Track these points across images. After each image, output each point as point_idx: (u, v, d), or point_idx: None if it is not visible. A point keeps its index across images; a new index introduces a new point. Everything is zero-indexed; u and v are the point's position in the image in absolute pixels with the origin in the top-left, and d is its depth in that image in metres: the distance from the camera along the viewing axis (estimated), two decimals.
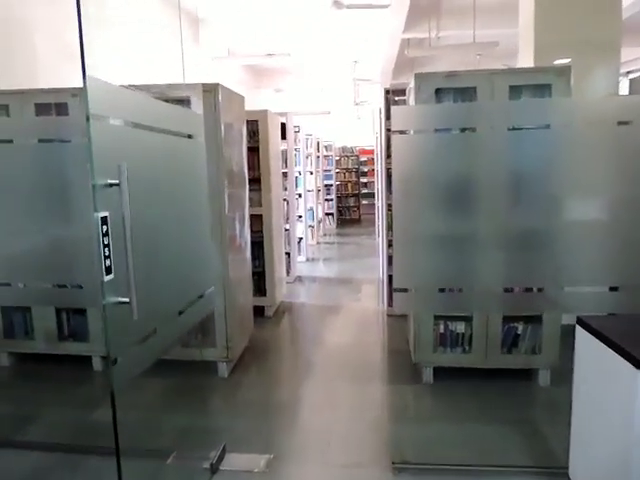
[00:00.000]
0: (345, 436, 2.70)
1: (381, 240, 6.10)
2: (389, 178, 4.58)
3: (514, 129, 2.40)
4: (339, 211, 12.90)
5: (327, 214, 11.64)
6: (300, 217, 7.60)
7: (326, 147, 11.70)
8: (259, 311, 4.76)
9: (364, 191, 13.77)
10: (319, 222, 10.08)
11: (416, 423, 2.89)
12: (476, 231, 2.69)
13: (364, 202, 13.73)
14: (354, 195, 13.42)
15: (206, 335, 3.49)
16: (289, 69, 11.07)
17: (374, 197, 14.04)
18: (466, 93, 3.01)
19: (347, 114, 14.00)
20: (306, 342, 4.24)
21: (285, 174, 6.12)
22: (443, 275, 2.49)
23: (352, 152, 13.28)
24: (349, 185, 13.30)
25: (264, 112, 4.60)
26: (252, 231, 4.79)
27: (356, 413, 2.95)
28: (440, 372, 3.25)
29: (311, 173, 9.05)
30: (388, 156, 4.58)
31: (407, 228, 2.44)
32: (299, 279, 6.51)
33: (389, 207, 4.70)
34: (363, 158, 13.77)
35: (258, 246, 4.81)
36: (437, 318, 3.25)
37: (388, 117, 4.53)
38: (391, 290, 4.82)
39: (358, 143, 13.60)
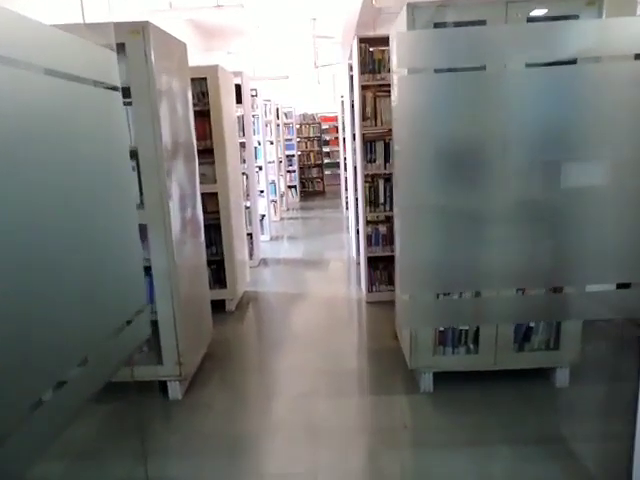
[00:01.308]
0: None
1: (353, 215, 5.48)
2: (366, 144, 3.92)
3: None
4: (302, 183, 12.18)
5: (289, 187, 10.90)
6: (262, 192, 6.86)
7: (286, 114, 10.86)
8: (219, 306, 4.08)
9: (327, 161, 13.07)
10: (281, 196, 9.35)
11: (418, 449, 2.33)
12: (493, 210, 2.11)
13: (327, 172, 13.05)
14: (317, 165, 12.70)
15: (150, 349, 2.80)
16: (242, 29, 10.04)
17: (338, 167, 13.43)
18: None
19: (306, 79, 13.11)
20: (275, 342, 3.60)
21: (243, 144, 5.35)
22: (464, 275, 1.89)
23: (314, 119, 12.47)
24: (311, 155, 12.55)
25: (214, 68, 3.81)
26: (206, 212, 4.06)
27: (341, 441, 2.36)
28: (440, 376, 2.71)
29: (271, 143, 8.26)
30: (364, 119, 3.91)
31: (421, 211, 1.81)
32: (263, 262, 5.84)
33: (367, 178, 4.06)
34: (325, 126, 12.99)
35: (214, 230, 4.09)
36: None
37: (364, 71, 3.84)
38: (370, 274, 4.25)
39: (319, 110, 12.78)
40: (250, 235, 5.55)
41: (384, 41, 3.78)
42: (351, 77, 5.06)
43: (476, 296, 2.19)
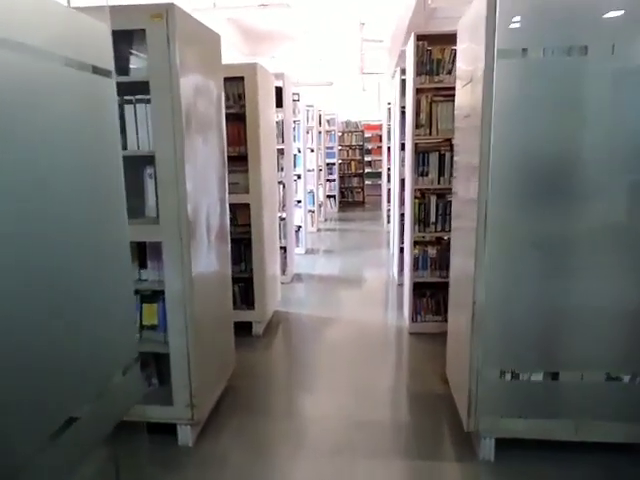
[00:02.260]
0: None
1: (396, 231, 5.01)
2: (418, 155, 3.46)
3: None
4: (341, 193, 11.76)
5: (328, 196, 10.51)
6: (299, 202, 6.49)
7: (328, 121, 10.49)
8: (245, 328, 3.69)
9: (368, 170, 12.61)
10: (319, 206, 8.96)
11: None
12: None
13: (367, 182, 12.58)
14: (358, 175, 12.26)
15: (161, 382, 2.43)
16: (288, 33, 9.77)
17: (379, 177, 12.94)
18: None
19: (351, 85, 12.73)
20: (304, 379, 3.17)
21: (281, 151, 4.98)
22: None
23: (357, 127, 12.05)
24: (352, 164, 12.12)
25: (252, 66, 3.45)
26: (236, 225, 3.70)
27: None
28: (505, 442, 2.20)
29: (312, 150, 7.90)
30: (417, 126, 3.45)
31: (524, 248, 1.35)
32: (297, 277, 5.43)
33: (417, 193, 3.60)
34: (368, 134, 12.55)
35: (245, 245, 3.72)
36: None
37: (420, 73, 3.39)
38: (415, 301, 3.77)
39: (363, 118, 12.36)
40: (284, 249, 5.16)
41: (446, 39, 3.33)
42: (403, 81, 4.62)
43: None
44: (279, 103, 4.92)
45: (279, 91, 4.94)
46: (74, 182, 1.11)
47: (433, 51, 3.38)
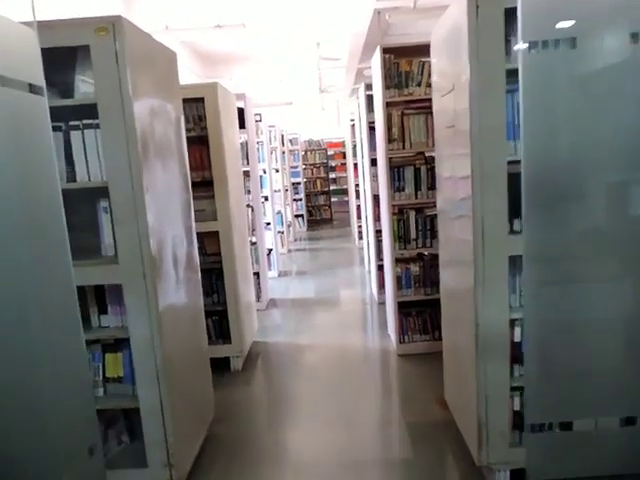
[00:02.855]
0: None
1: (368, 248, 4.87)
2: (393, 171, 3.32)
3: None
4: (309, 211, 11.61)
5: (296, 216, 10.33)
6: (268, 225, 6.27)
7: (291, 141, 10.37)
8: (222, 364, 3.42)
9: (333, 187, 12.54)
10: (288, 226, 8.76)
11: None
12: None
13: (334, 199, 12.50)
14: (324, 192, 12.16)
15: (133, 440, 2.15)
16: (244, 54, 9.66)
17: (345, 194, 12.90)
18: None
19: (311, 104, 12.71)
20: (290, 417, 2.93)
21: (247, 173, 4.77)
22: None
23: (319, 145, 11.99)
24: (318, 182, 12.02)
25: (212, 86, 3.25)
26: (205, 254, 3.46)
27: None
28: (522, 471, 2.02)
29: (277, 171, 7.71)
30: (390, 141, 3.32)
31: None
32: (272, 303, 5.18)
33: (395, 210, 3.45)
34: (330, 152, 12.51)
35: (216, 275, 3.47)
36: (515, 388, 2.00)
37: (388, 86, 3.27)
38: (401, 321, 3.59)
39: (325, 135, 12.32)
40: (257, 274, 4.92)
41: (412, 51, 3.23)
42: (368, 96, 4.52)
43: None
44: (242, 124, 4.73)
45: (241, 112, 4.76)
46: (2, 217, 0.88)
47: (400, 64, 3.27)
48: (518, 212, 1.85)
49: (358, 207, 7.42)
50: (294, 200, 10.13)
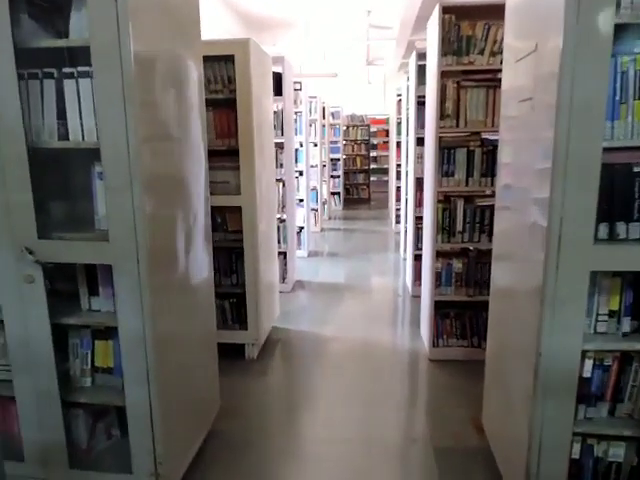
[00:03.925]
0: None
1: (406, 236, 4.47)
2: (442, 151, 2.90)
3: None
4: (346, 190, 11.18)
5: (332, 193, 9.93)
6: (301, 201, 5.94)
7: (333, 114, 9.91)
8: (236, 351, 3.16)
9: (373, 166, 12.04)
10: (323, 204, 8.40)
11: None
12: None
13: (373, 179, 12.01)
14: (363, 171, 11.68)
15: (125, 434, 1.89)
16: (291, 20, 9.19)
17: (385, 173, 12.36)
18: None
19: (356, 77, 12.14)
20: (305, 419, 2.63)
21: (280, 145, 4.42)
22: None
23: (362, 121, 11.46)
24: (358, 159, 11.54)
25: (244, 42, 2.87)
26: (226, 231, 3.17)
27: None
28: None
29: (315, 145, 7.33)
30: (442, 116, 2.88)
31: None
32: (299, 285, 4.88)
33: (440, 197, 3.03)
34: (373, 129, 11.96)
35: (237, 254, 3.17)
36: (577, 434, 1.62)
37: (446, 52, 2.82)
38: (437, 323, 3.21)
39: (368, 111, 11.76)
40: (284, 254, 4.61)
41: (477, 11, 2.77)
42: (420, 67, 4.06)
43: None
44: (278, 91, 4.36)
45: (278, 78, 4.38)
46: None
47: (462, 26, 2.81)
48: (606, 215, 1.44)
49: (398, 189, 6.97)
50: (331, 177, 9.73)
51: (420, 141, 4.18)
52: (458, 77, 2.88)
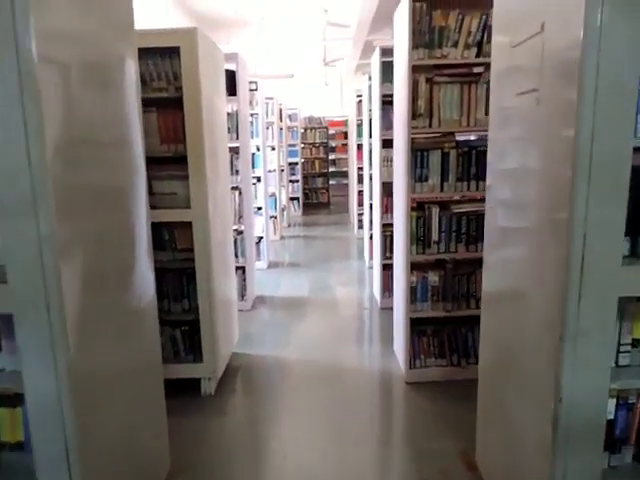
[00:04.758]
0: None
1: (372, 242, 4.20)
2: (415, 154, 2.64)
3: None
4: (305, 194, 10.88)
5: (291, 199, 9.60)
6: (259, 209, 5.58)
7: (290, 116, 9.59)
8: (191, 387, 2.77)
9: (332, 169, 11.79)
10: (282, 210, 8.06)
11: None
12: None
13: (332, 182, 11.76)
14: (322, 175, 11.41)
15: None
16: (244, 19, 8.81)
17: (344, 176, 12.14)
18: None
19: (313, 79, 11.87)
20: (272, 465, 2.29)
21: (235, 150, 4.06)
22: None
23: (320, 123, 11.20)
24: (316, 163, 11.26)
25: (190, 32, 2.50)
26: (176, 249, 2.78)
27: None
28: None
29: (272, 149, 6.98)
30: (414, 115, 2.62)
31: None
32: (259, 301, 4.52)
33: (413, 205, 2.77)
34: (331, 131, 11.72)
35: (188, 276, 2.78)
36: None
37: (416, 45, 2.56)
38: (414, 343, 2.94)
39: (326, 113, 11.51)
40: (243, 269, 4.25)
41: (449, 1, 2.51)
42: (384, 63, 3.81)
43: None
44: (232, 91, 4.01)
45: (232, 76, 4.03)
46: None
47: (434, 17, 2.55)
48: (634, 228, 1.18)
49: (359, 193, 6.73)
50: (290, 181, 9.40)
51: (386, 143, 3.93)
52: (430, 73, 2.62)
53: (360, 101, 6.38)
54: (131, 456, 1.68)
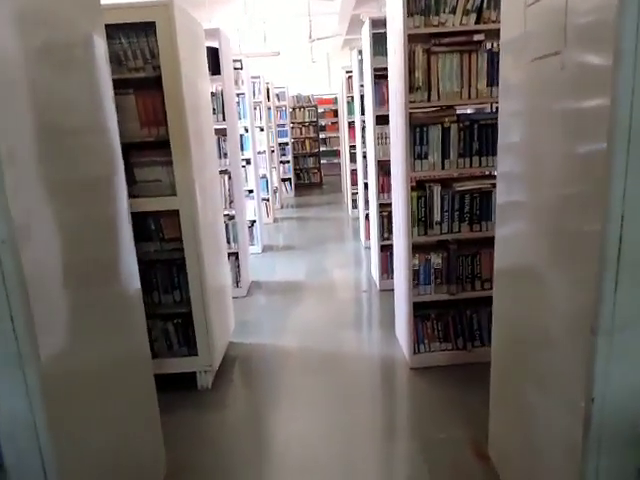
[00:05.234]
0: None
1: (375, 224, 4.07)
2: (413, 129, 2.49)
3: None
4: (296, 175, 10.68)
5: (283, 180, 9.41)
6: (250, 192, 5.40)
7: (278, 95, 9.33)
8: (187, 381, 2.66)
9: (323, 149, 11.57)
10: (274, 192, 7.88)
11: None
12: None
13: (323, 162, 11.55)
14: (313, 154, 11.19)
15: None
16: None
17: (335, 155, 11.93)
18: None
19: (300, 57, 11.54)
20: (279, 464, 2.19)
21: (222, 132, 3.87)
22: None
23: (309, 102, 10.92)
24: (307, 142, 11.03)
25: (165, 5, 2.28)
26: (163, 239, 2.63)
27: None
28: None
29: (261, 129, 6.77)
30: (412, 89, 2.46)
31: None
32: (255, 287, 4.40)
33: (415, 184, 2.63)
34: (320, 109, 11.46)
35: (178, 266, 2.64)
36: None
37: (411, 12, 2.38)
38: (417, 327, 2.83)
39: (315, 91, 11.23)
40: (236, 255, 4.11)
41: None
42: (375, 36, 3.62)
43: None
44: (216, 70, 3.80)
45: (215, 54, 3.81)
46: None
47: None
48: None
49: (352, 172, 6.57)
50: (281, 162, 9.19)
51: (380, 120, 3.76)
52: (427, 42, 2.45)
53: (350, 77, 6.16)
54: (122, 461, 1.56)
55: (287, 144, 9.59)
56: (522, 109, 1.44)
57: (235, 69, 5.18)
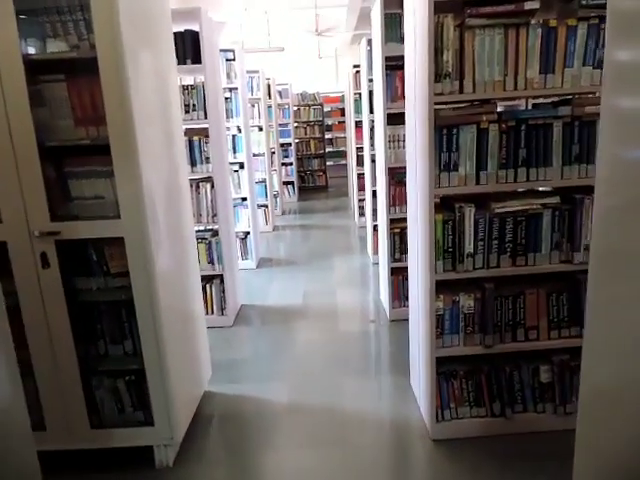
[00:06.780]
0: None
1: (374, 228, 3.44)
2: (439, 131, 1.83)
3: None
4: (300, 177, 10.04)
5: (285, 183, 8.78)
6: (244, 200, 4.79)
7: (280, 93, 8.70)
8: (143, 454, 2.04)
9: (329, 150, 10.92)
10: (274, 197, 7.26)
11: None
12: None
13: (329, 163, 10.89)
14: (318, 156, 10.53)
15: None
16: None
17: (342, 156, 11.27)
18: None
19: (305, 52, 10.92)
20: None
21: (204, 132, 3.25)
22: None
23: (315, 100, 10.27)
24: (312, 143, 10.38)
25: None
26: (108, 274, 2.01)
27: None
28: None
29: (260, 129, 6.14)
30: (437, 77, 1.81)
31: None
32: (245, 312, 3.77)
33: (439, 202, 1.99)
34: (327, 108, 10.82)
35: (128, 310, 2.01)
36: None
37: None
38: (441, 389, 2.18)
39: (321, 89, 10.58)
40: (221, 277, 3.49)
41: None
42: (387, 16, 2.98)
43: None
44: (197, 58, 3.19)
45: (195, 39, 3.20)
46: None
47: None
48: None
49: (359, 176, 5.93)
50: (283, 165, 8.56)
51: (391, 119, 3.12)
52: (460, 13, 1.81)
53: (357, 72, 5.52)
54: None
55: (290, 145, 8.96)
56: None
57: (227, 60, 4.58)
